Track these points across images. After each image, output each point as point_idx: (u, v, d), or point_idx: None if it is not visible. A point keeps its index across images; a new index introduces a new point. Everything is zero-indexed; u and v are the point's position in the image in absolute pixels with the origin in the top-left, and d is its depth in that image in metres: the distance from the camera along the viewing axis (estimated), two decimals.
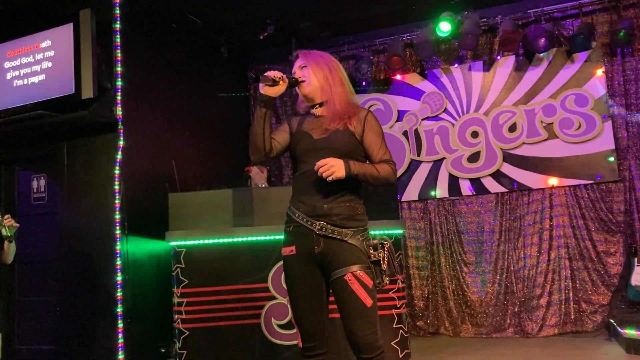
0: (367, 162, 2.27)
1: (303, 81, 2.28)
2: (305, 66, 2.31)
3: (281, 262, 2.30)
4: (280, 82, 2.21)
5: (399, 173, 5.62)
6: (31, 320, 4.43)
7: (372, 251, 2.18)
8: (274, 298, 3.85)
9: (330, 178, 2.08)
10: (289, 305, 2.27)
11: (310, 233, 2.18)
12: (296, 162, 2.31)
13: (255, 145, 2.24)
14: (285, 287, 2.29)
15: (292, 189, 2.32)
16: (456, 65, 5.56)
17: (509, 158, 5.30)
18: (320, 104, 2.31)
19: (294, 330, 2.42)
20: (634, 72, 4.98)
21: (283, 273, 2.32)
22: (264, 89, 2.21)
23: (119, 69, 4.20)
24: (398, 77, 5.74)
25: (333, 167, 2.08)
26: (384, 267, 2.18)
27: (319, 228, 2.16)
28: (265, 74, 2.21)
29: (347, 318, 2.13)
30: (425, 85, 5.66)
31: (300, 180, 2.26)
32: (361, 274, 2.12)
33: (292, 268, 2.23)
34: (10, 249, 3.10)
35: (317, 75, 2.28)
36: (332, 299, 2.24)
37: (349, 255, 2.14)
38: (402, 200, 5.58)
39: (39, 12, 4.44)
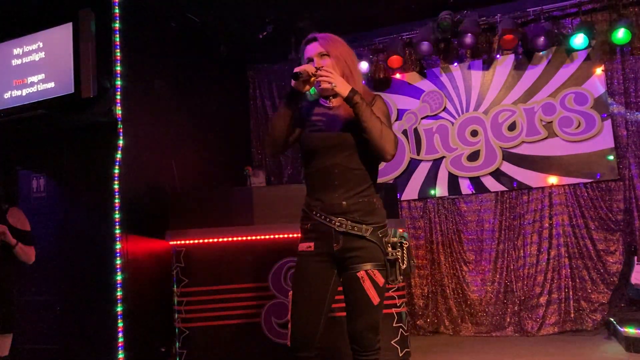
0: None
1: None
2: (326, 54, 2.19)
3: (281, 261, 2.28)
4: (312, 77, 2.12)
5: (399, 172, 5.64)
6: (31, 319, 4.42)
7: (390, 249, 2.13)
8: (273, 297, 3.84)
9: (325, 85, 2.06)
10: (289, 302, 2.21)
11: (329, 230, 2.13)
12: (308, 157, 2.23)
13: (275, 140, 2.22)
14: (290, 284, 2.26)
15: (306, 185, 2.27)
16: (455, 64, 5.56)
17: (508, 157, 5.30)
18: (336, 95, 2.20)
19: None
20: (633, 70, 4.99)
21: (294, 270, 2.27)
22: (299, 85, 2.13)
23: (118, 68, 4.20)
24: (397, 75, 5.74)
25: (334, 79, 2.06)
26: (403, 266, 2.13)
27: (338, 225, 2.11)
28: (299, 70, 2.10)
29: (352, 313, 2.14)
30: (425, 84, 5.66)
31: (315, 176, 2.20)
32: (374, 272, 2.10)
33: (307, 265, 2.18)
34: (23, 249, 3.15)
35: (339, 65, 2.18)
36: (338, 297, 2.22)
37: (366, 252, 2.11)
38: (402, 199, 5.58)
39: (38, 11, 4.43)
